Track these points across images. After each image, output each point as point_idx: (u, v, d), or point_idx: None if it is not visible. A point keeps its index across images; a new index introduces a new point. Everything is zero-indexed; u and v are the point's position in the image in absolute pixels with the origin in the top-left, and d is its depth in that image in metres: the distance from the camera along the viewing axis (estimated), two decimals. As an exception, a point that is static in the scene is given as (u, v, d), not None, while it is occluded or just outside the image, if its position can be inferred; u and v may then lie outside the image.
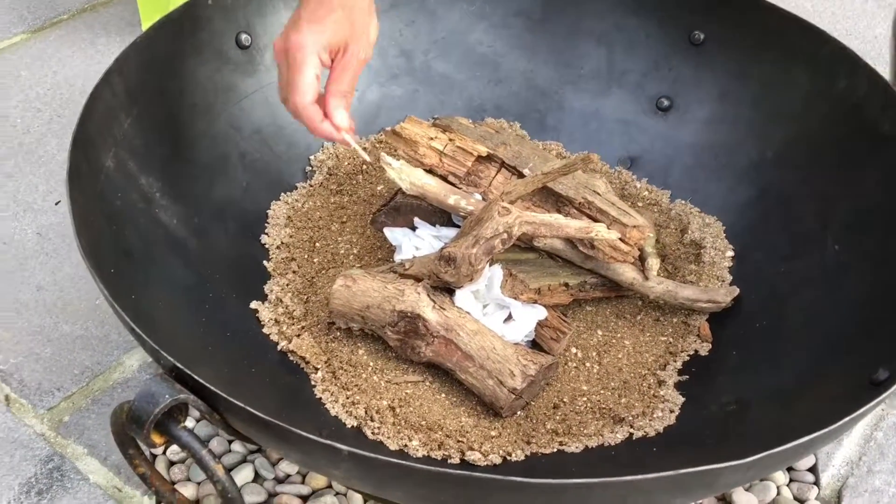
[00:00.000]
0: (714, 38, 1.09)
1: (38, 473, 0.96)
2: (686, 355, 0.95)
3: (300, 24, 0.82)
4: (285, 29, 0.84)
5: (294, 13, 0.84)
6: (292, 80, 0.83)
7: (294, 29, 0.82)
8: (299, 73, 0.82)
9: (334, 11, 0.82)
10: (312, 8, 0.82)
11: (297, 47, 0.82)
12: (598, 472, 0.81)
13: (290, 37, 0.82)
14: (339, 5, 0.83)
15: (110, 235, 0.83)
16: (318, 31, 0.82)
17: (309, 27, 0.82)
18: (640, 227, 0.92)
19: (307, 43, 0.82)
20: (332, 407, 0.87)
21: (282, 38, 0.84)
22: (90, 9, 1.59)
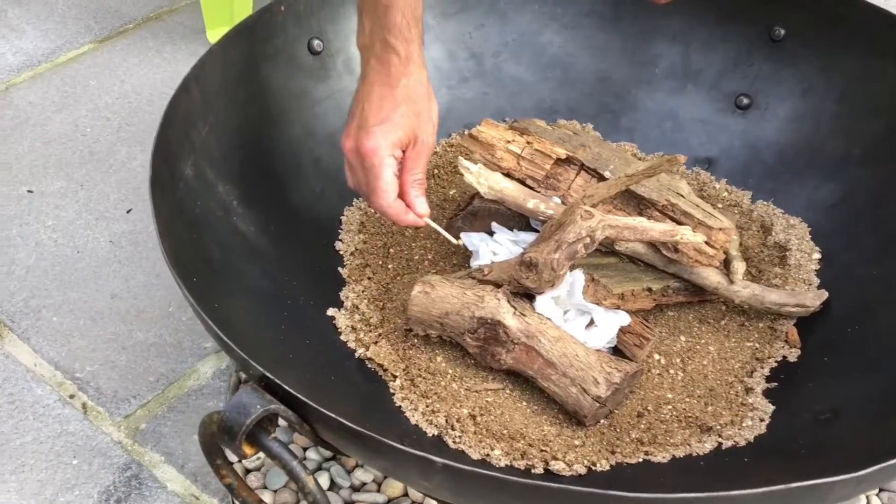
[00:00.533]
0: (795, 34, 1.06)
1: (117, 481, 0.96)
2: (774, 361, 0.92)
3: (370, 128, 0.82)
4: (352, 128, 0.83)
5: (356, 108, 0.84)
6: (373, 185, 0.84)
7: (364, 133, 0.82)
8: (379, 179, 0.83)
9: (399, 106, 0.82)
10: (377, 105, 0.82)
11: (372, 153, 0.82)
12: (689, 483, 0.79)
13: (362, 142, 0.82)
14: (402, 99, 0.83)
15: (191, 244, 0.83)
16: (389, 130, 0.82)
17: (379, 129, 0.82)
18: (727, 229, 0.89)
19: (381, 146, 0.82)
20: (411, 415, 0.86)
21: (351, 138, 0.83)
22: (155, 17, 1.61)
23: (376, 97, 0.82)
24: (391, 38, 0.82)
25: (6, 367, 1.06)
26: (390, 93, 0.82)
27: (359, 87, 0.85)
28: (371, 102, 0.82)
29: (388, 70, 0.82)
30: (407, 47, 0.82)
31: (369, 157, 0.82)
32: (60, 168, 1.31)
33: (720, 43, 1.08)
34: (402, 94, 0.82)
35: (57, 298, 1.14)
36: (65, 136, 1.36)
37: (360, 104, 0.83)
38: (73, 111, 1.41)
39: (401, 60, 0.82)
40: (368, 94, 0.83)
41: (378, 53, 0.83)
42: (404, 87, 0.83)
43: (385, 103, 0.82)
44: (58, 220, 1.24)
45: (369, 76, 0.84)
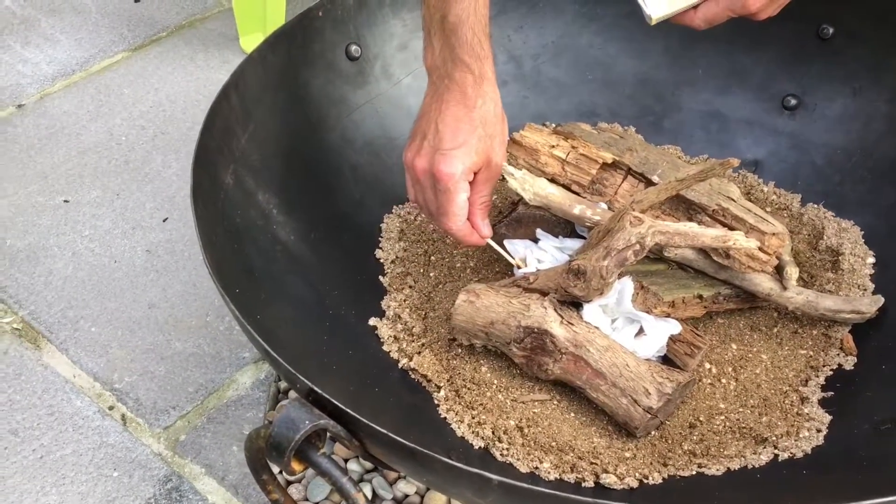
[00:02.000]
0: (844, 32, 1.03)
1: (157, 494, 0.95)
2: (829, 370, 0.89)
3: (446, 152, 0.80)
4: (424, 148, 0.81)
5: (427, 126, 0.81)
6: (444, 208, 0.82)
7: (441, 157, 0.80)
8: (452, 204, 0.82)
9: (476, 129, 0.80)
10: (453, 128, 0.80)
11: (448, 178, 0.80)
12: (745, 497, 0.76)
13: (438, 166, 0.80)
14: (479, 121, 0.80)
15: (232, 253, 0.82)
16: (466, 155, 0.80)
17: (457, 154, 0.80)
18: (780, 234, 0.87)
19: (457, 171, 0.80)
20: (457, 427, 0.84)
21: (424, 159, 0.82)
22: (188, 25, 1.60)
23: (451, 118, 0.80)
24: (465, 56, 0.80)
25: (45, 379, 1.06)
26: (467, 115, 0.80)
27: (427, 105, 0.83)
28: (446, 123, 0.80)
29: (463, 90, 0.80)
30: (481, 65, 0.80)
31: (445, 181, 0.80)
32: (96, 177, 1.31)
33: (766, 42, 1.06)
34: (479, 117, 0.80)
35: (94, 309, 1.13)
36: (100, 145, 1.36)
37: (432, 122, 0.81)
38: (107, 120, 1.41)
39: (475, 79, 0.80)
40: (443, 113, 0.80)
41: (451, 72, 0.80)
42: (480, 109, 0.80)
43: (461, 126, 0.80)
44: (94, 229, 1.23)
45: (443, 95, 0.81)
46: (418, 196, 0.86)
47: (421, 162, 0.82)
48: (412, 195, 0.87)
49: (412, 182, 0.85)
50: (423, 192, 0.84)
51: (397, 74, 1.05)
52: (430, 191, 0.83)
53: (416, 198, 0.86)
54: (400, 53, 1.05)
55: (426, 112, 0.83)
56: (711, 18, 0.81)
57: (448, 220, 0.83)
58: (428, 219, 0.87)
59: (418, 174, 0.83)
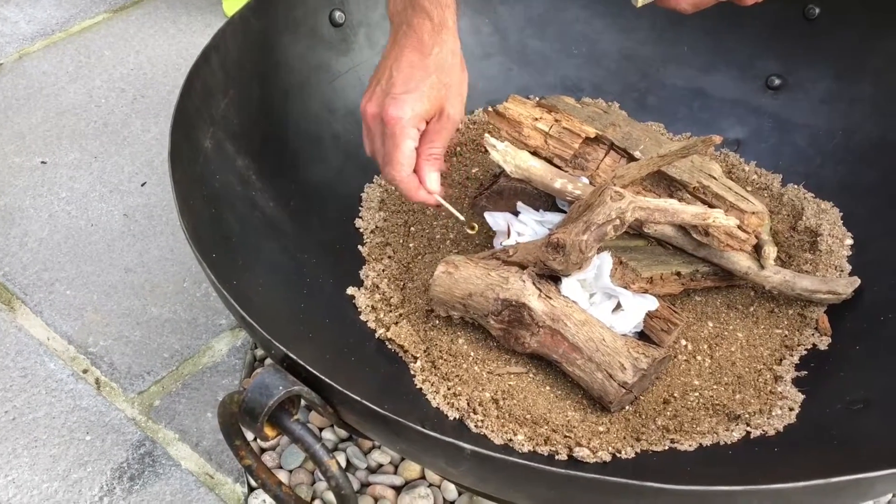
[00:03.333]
0: (830, 12, 1.02)
1: (130, 458, 0.95)
2: (804, 349, 0.89)
3: (396, 96, 0.78)
4: (376, 93, 0.79)
5: (382, 72, 0.79)
6: (391, 154, 0.79)
7: (391, 101, 0.78)
8: (397, 149, 0.79)
9: (430, 76, 0.78)
10: (406, 73, 0.78)
11: (395, 121, 0.78)
12: (717, 473, 0.77)
13: (386, 110, 0.78)
14: (434, 68, 0.78)
15: (210, 219, 0.81)
16: (416, 100, 0.78)
17: (406, 98, 0.77)
18: (759, 213, 0.87)
19: (405, 116, 0.78)
20: (433, 398, 0.84)
21: (375, 104, 0.79)
22: (171, -13, 1.58)
23: (405, 64, 0.78)
24: (424, 2, 0.78)
25: (19, 341, 1.05)
26: (421, 61, 0.78)
27: (386, 51, 0.80)
28: (400, 69, 0.78)
29: (419, 36, 0.78)
30: (441, 13, 0.78)
31: (391, 125, 0.78)
32: (74, 139, 1.29)
33: (752, 21, 1.05)
34: (434, 63, 0.78)
35: (70, 272, 1.12)
36: (79, 107, 1.34)
37: (386, 69, 0.79)
38: (87, 81, 1.39)
39: (433, 26, 0.78)
40: (397, 59, 0.78)
41: (410, 18, 0.78)
42: (436, 56, 0.78)
43: (415, 71, 0.78)
44: (71, 192, 1.22)
45: (399, 41, 0.79)
46: (369, 145, 0.83)
47: (371, 107, 0.79)
48: (367, 146, 0.84)
49: (365, 130, 0.82)
50: (373, 139, 0.81)
51: (381, 42, 1.04)
52: (378, 137, 0.80)
53: (369, 148, 0.83)
54: (385, 21, 1.03)
55: (384, 59, 0.80)
56: (698, 2, 0.80)
57: (392, 168, 0.80)
58: (380, 170, 0.83)
59: (369, 119, 0.80)
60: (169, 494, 0.92)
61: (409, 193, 0.82)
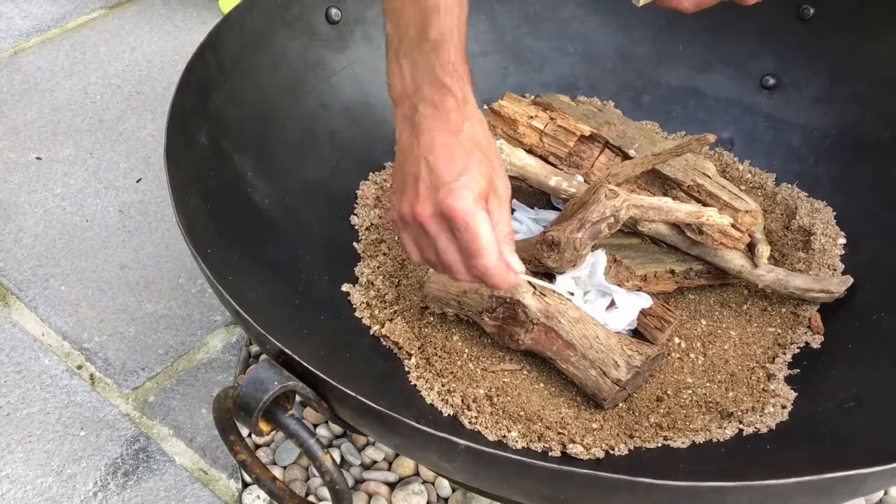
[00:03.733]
0: (824, 13, 1.03)
1: (125, 454, 0.95)
2: (796, 347, 0.90)
3: (450, 186, 0.68)
4: (420, 191, 0.70)
5: (416, 167, 0.70)
6: (471, 248, 0.70)
7: (446, 193, 0.68)
8: (479, 238, 0.69)
9: (472, 153, 0.70)
10: (446, 157, 0.69)
11: (463, 212, 0.68)
12: (709, 470, 0.77)
13: (447, 204, 0.68)
14: (471, 145, 0.70)
15: (205, 215, 0.81)
16: (472, 182, 0.69)
17: (462, 183, 0.68)
18: (753, 212, 0.87)
19: (471, 201, 0.68)
20: (427, 395, 0.84)
21: (427, 203, 0.69)
22: (167, -16, 1.58)
23: (441, 148, 0.70)
24: (446, 79, 0.70)
25: (13, 336, 1.05)
26: (456, 140, 0.70)
27: (407, 143, 0.71)
28: (437, 155, 0.69)
29: (446, 116, 0.70)
30: (463, 86, 0.71)
31: (460, 218, 0.68)
32: (69, 135, 1.29)
33: (747, 21, 1.05)
34: (468, 140, 0.70)
35: (65, 267, 1.12)
36: (74, 103, 1.34)
37: (419, 160, 0.70)
38: (82, 77, 1.39)
39: (458, 102, 0.70)
40: (430, 146, 0.70)
41: (430, 98, 0.70)
42: (468, 131, 0.71)
43: (455, 152, 0.69)
44: (66, 187, 1.22)
45: (422, 125, 0.70)
46: (427, 251, 0.73)
47: (423, 208, 0.70)
48: (418, 253, 0.74)
49: (415, 237, 0.73)
50: (434, 243, 0.71)
51: (378, 39, 1.04)
52: (443, 237, 0.71)
53: (424, 254, 0.74)
54: (382, 18, 1.04)
55: (406, 153, 0.71)
56: (700, 2, 0.75)
57: (482, 258, 0.70)
58: (450, 273, 0.73)
59: (424, 223, 0.70)
60: (163, 490, 0.92)
61: (503, 281, 0.73)
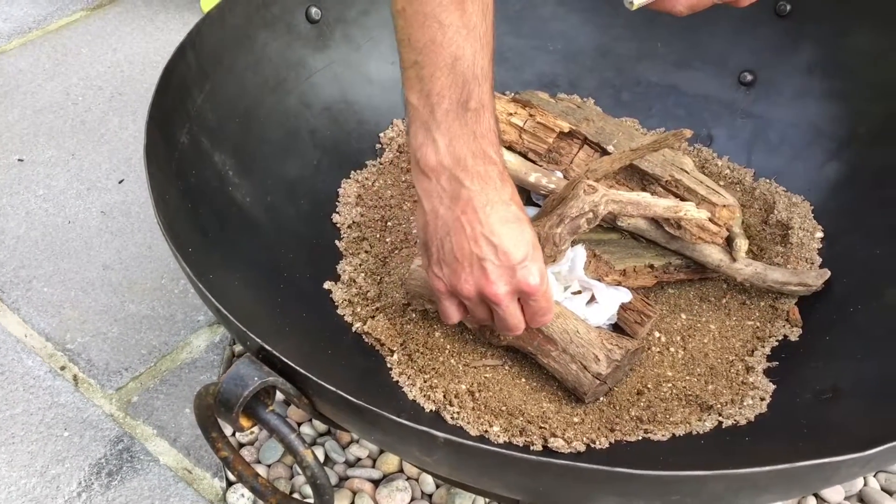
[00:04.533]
0: (801, 9, 1.04)
1: (108, 454, 0.95)
2: (775, 340, 0.91)
3: (525, 265, 0.71)
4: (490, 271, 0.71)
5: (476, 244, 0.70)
6: (544, 311, 0.75)
7: (523, 271, 0.71)
8: (549, 302, 0.75)
9: (523, 222, 0.71)
10: (511, 235, 0.70)
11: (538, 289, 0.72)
12: (688, 462, 0.78)
13: (526, 283, 0.71)
14: (517, 207, 0.71)
15: (186, 214, 0.82)
16: (538, 255, 0.72)
17: (533, 260, 0.71)
18: (730, 206, 0.88)
19: (544, 277, 0.73)
20: (409, 390, 0.85)
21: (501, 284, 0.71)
22: (148, -15, 1.58)
23: (502, 227, 0.69)
24: (489, 149, 0.69)
25: (-4, 338, 1.05)
26: (508, 210, 0.70)
27: (453, 218, 0.70)
28: (500, 235, 0.69)
29: (494, 186, 0.69)
30: (501, 153, 0.71)
31: (538, 294, 0.72)
32: (51, 137, 1.29)
33: (725, 17, 1.06)
34: (517, 207, 0.71)
35: (48, 269, 1.12)
36: (56, 105, 1.34)
37: (479, 240, 0.69)
38: (64, 79, 1.38)
39: (500, 171, 0.70)
40: (488, 226, 0.69)
41: (474, 171, 0.68)
42: (514, 199, 0.71)
43: (514, 227, 0.70)
44: (49, 189, 1.22)
45: (472, 201, 0.69)
46: (480, 315, 0.76)
47: (499, 288, 0.71)
48: (459, 317, 0.77)
49: (471, 307, 0.75)
50: (503, 314, 0.74)
51: (358, 39, 1.04)
52: (514, 307, 0.74)
53: (480, 317, 0.76)
54: (362, 18, 1.05)
55: (454, 229, 0.70)
56: (694, 5, 0.77)
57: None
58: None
59: (499, 300, 0.72)
60: (147, 490, 0.92)
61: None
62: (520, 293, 0.73)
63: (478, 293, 0.72)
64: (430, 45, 0.67)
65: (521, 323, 0.76)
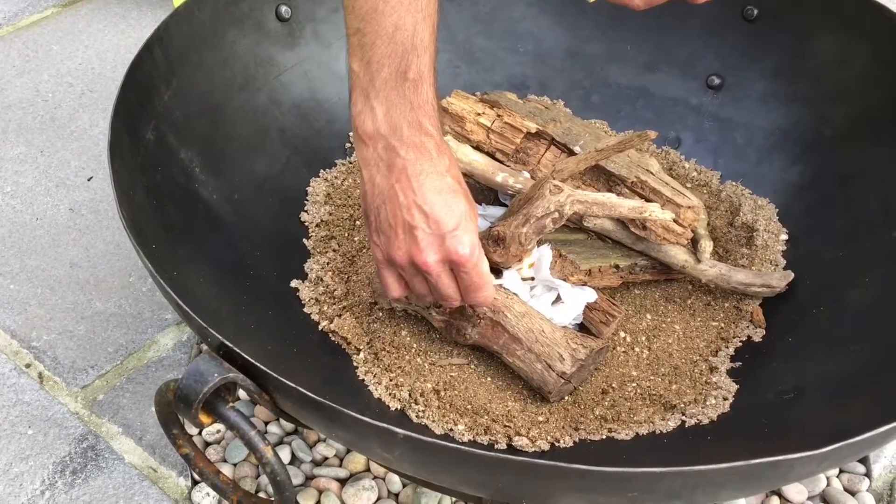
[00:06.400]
0: (768, 14, 1.05)
1: (73, 452, 0.94)
2: (738, 341, 0.92)
3: (455, 234, 0.71)
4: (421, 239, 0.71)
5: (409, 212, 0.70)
6: (476, 284, 0.75)
7: (452, 240, 0.71)
8: (482, 275, 0.75)
9: (459, 193, 0.72)
10: (443, 204, 0.70)
11: (469, 258, 0.72)
12: (651, 460, 0.78)
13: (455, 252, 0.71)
14: (456, 184, 0.72)
15: (151, 210, 0.81)
16: (472, 225, 0.72)
17: (464, 229, 0.71)
18: (695, 207, 0.89)
19: (475, 247, 0.73)
20: (375, 389, 0.85)
21: (432, 252, 0.72)
22: (121, -18, 1.57)
23: (435, 196, 0.70)
24: (425, 120, 0.70)
25: (-41, 335, 1.04)
26: (443, 181, 0.71)
27: (388, 187, 0.71)
28: (433, 205, 0.70)
29: (429, 156, 0.70)
30: (439, 126, 0.71)
31: (468, 263, 0.72)
32: (20, 133, 1.28)
33: (693, 21, 1.07)
34: (454, 180, 0.72)
35: (14, 266, 1.11)
36: (25, 101, 1.33)
37: (412, 208, 0.70)
38: (34, 76, 1.37)
39: (437, 143, 0.71)
40: (421, 194, 0.70)
41: (410, 140, 0.70)
42: (451, 172, 0.72)
43: (448, 197, 0.71)
44: (16, 186, 1.21)
45: (407, 170, 0.70)
46: (419, 288, 0.76)
47: (428, 256, 0.72)
48: (400, 290, 0.77)
49: (408, 277, 0.76)
50: (436, 284, 0.75)
51: (328, 38, 1.04)
52: (445, 277, 0.74)
53: (415, 291, 0.77)
54: (332, 16, 1.05)
55: (388, 197, 0.71)
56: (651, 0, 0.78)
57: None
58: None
59: (430, 270, 0.73)
60: (112, 488, 0.92)
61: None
62: (450, 262, 0.73)
63: (409, 261, 0.73)
64: (371, 13, 0.68)
65: (455, 294, 0.76)
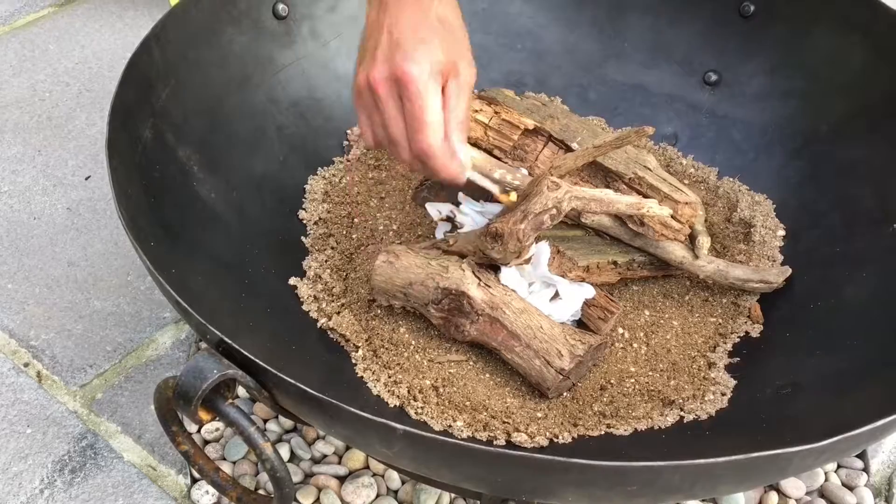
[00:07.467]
0: (765, 10, 1.05)
1: (72, 451, 0.95)
2: (736, 337, 0.92)
3: (405, 50, 0.67)
4: (378, 58, 0.69)
5: (378, 36, 0.69)
6: (418, 119, 0.69)
7: (402, 57, 0.68)
8: (426, 110, 0.69)
9: (437, 29, 0.69)
10: (410, 29, 0.68)
11: (416, 78, 0.67)
12: (650, 456, 0.79)
13: (400, 68, 0.67)
14: (437, 21, 0.69)
15: (149, 208, 0.81)
16: (431, 52, 0.67)
17: (421, 51, 0.67)
18: (693, 203, 0.89)
19: (425, 69, 0.67)
20: (373, 386, 0.85)
21: (382, 66, 0.69)
22: (118, -18, 1.57)
23: (405, 21, 0.68)
24: None
25: (-42, 335, 1.04)
26: (423, 18, 0.68)
27: (375, 19, 0.70)
28: (401, 27, 0.68)
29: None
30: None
31: (412, 84, 0.67)
32: (17, 133, 1.28)
33: (690, 17, 1.08)
34: (436, 18, 0.69)
35: (12, 265, 1.11)
36: (22, 101, 1.33)
37: (382, 32, 0.69)
38: (31, 75, 1.37)
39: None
40: (396, 19, 0.68)
41: None
42: (438, 10, 0.69)
43: (420, 25, 0.68)
44: (14, 185, 1.21)
45: (390, 6, 0.69)
46: (375, 122, 0.72)
47: (377, 72, 0.69)
48: (370, 131, 0.73)
49: (368, 110, 0.72)
50: (384, 112, 0.70)
51: (325, 36, 1.05)
52: (392, 105, 0.70)
53: (373, 126, 0.73)
54: (329, 15, 1.05)
55: (373, 28, 0.70)
56: None
57: (425, 134, 0.69)
58: (392, 153, 0.72)
59: (377, 88, 0.69)
60: (111, 487, 0.92)
61: (446, 166, 0.72)
62: (396, 82, 0.69)
63: (366, 82, 0.70)
64: None
65: (400, 131, 0.71)
